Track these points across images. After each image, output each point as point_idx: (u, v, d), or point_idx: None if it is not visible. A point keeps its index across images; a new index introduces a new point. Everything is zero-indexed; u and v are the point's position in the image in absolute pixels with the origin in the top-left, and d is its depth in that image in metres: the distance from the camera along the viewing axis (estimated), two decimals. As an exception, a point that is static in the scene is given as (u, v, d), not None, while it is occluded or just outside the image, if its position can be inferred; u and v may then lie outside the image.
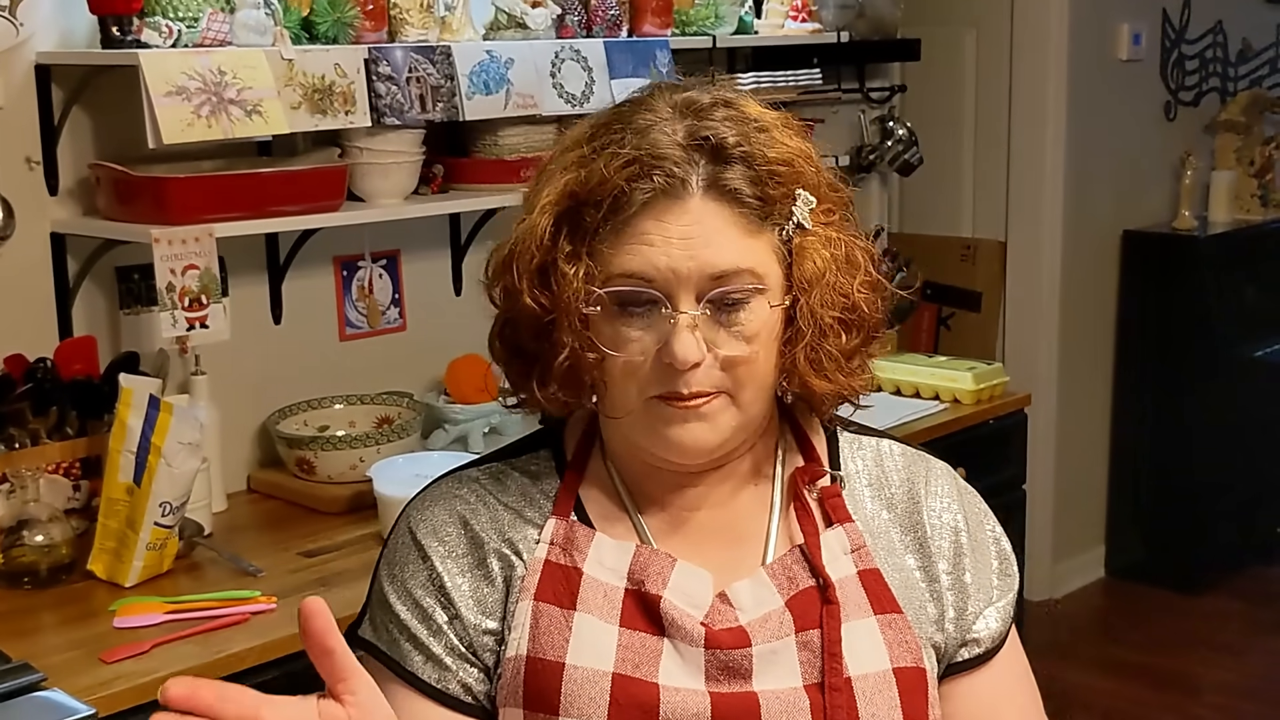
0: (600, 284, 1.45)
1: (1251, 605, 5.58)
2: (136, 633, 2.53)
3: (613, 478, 1.59)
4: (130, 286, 3.20)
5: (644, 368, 1.46)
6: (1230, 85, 6.29)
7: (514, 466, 1.61)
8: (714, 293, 1.44)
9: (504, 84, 3.38)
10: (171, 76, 2.82)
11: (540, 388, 1.52)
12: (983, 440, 3.96)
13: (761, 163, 1.46)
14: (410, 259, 3.72)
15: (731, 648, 1.47)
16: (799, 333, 1.48)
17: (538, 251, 1.48)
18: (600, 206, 1.45)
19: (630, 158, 1.45)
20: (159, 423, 2.72)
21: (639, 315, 1.45)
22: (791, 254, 1.48)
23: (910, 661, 1.51)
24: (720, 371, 1.46)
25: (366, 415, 3.53)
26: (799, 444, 1.62)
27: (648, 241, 1.44)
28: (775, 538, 1.56)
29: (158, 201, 2.91)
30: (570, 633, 1.48)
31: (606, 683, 1.45)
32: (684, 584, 1.50)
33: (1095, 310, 5.75)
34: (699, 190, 1.44)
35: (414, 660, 1.52)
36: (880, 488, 1.62)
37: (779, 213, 1.47)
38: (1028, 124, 5.46)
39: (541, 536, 1.53)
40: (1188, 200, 5.90)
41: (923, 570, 1.58)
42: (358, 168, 3.28)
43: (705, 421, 1.47)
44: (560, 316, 1.47)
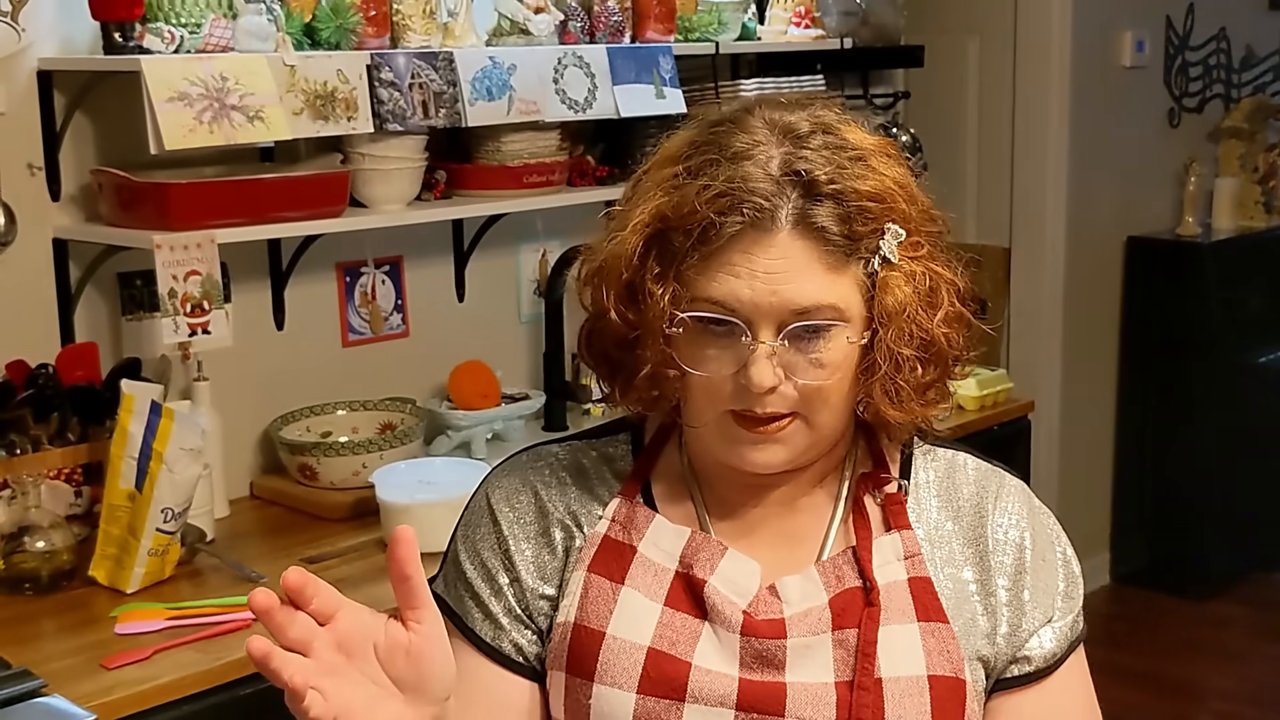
0: (685, 307, 1.49)
1: (1256, 612, 5.58)
2: (138, 639, 2.53)
3: (684, 468, 1.64)
4: (132, 292, 3.20)
5: (722, 386, 1.49)
6: (1234, 92, 6.29)
7: (593, 446, 1.69)
8: (794, 326, 1.46)
9: (507, 90, 3.38)
10: (173, 82, 2.82)
11: (623, 394, 1.60)
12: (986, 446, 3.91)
13: (853, 198, 1.47)
14: (413, 265, 3.71)
15: (767, 637, 1.51)
16: (875, 365, 1.50)
17: (627, 270, 1.52)
18: (690, 235, 1.47)
19: (722, 190, 1.46)
20: (160, 429, 2.72)
21: (720, 336, 1.48)
22: (874, 286, 1.49)
23: (949, 671, 1.52)
24: (796, 396, 1.48)
25: (369, 421, 3.53)
26: (871, 452, 1.64)
27: (734, 273, 1.46)
28: (833, 539, 1.60)
29: (159, 207, 2.90)
30: (615, 605, 1.55)
31: (641, 655, 1.52)
32: (731, 572, 1.55)
33: (1099, 317, 5.75)
34: (787, 225, 1.46)
35: (474, 616, 1.61)
36: (948, 499, 1.63)
37: (865, 247, 1.48)
38: (1031, 131, 5.45)
39: (605, 513, 1.61)
40: (1191, 207, 5.89)
41: (979, 584, 1.59)
42: (360, 174, 3.28)
43: (779, 444, 1.51)
44: (645, 335, 1.52)
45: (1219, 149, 6.20)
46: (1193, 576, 5.70)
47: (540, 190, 3.58)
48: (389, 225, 3.41)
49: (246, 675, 2.45)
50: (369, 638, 1.31)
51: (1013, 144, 5.50)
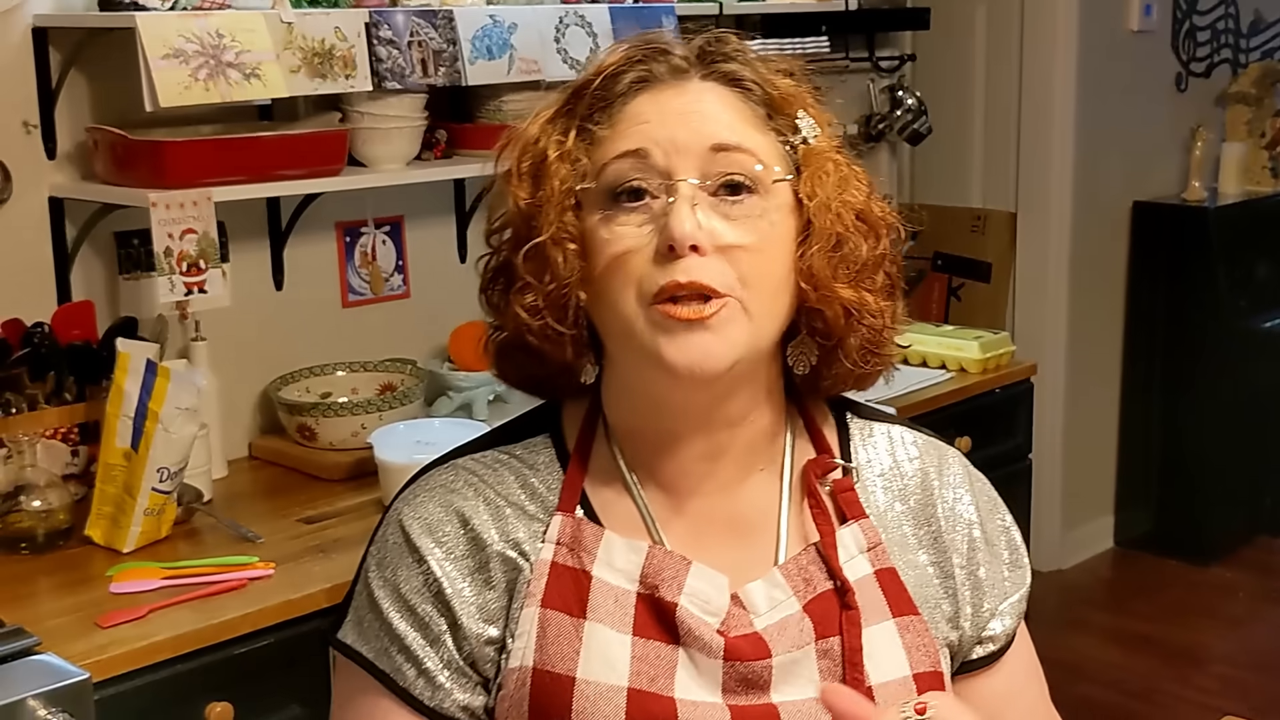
0: (594, 172, 1.40)
1: (1260, 576, 5.57)
2: (133, 598, 2.51)
3: (617, 460, 1.50)
4: (129, 251, 3.19)
5: (639, 265, 1.37)
6: (1242, 57, 6.25)
7: (512, 455, 1.52)
8: (715, 169, 1.37)
9: (507, 49, 3.36)
10: (169, 39, 2.80)
11: (518, 298, 1.42)
12: (989, 409, 3.94)
13: (763, 72, 1.44)
14: (414, 225, 3.70)
15: (752, 659, 1.40)
16: (815, 235, 1.41)
17: (529, 146, 1.44)
18: (591, 85, 1.43)
19: (628, 45, 1.45)
20: (156, 388, 2.71)
21: (635, 210, 1.38)
22: (799, 167, 1.43)
23: (928, 666, 1.46)
24: (726, 267, 1.36)
25: (369, 382, 3.51)
26: (809, 433, 1.55)
27: (644, 120, 1.40)
28: (788, 534, 1.49)
29: (155, 165, 2.89)
30: (581, 644, 1.39)
31: (621, 699, 1.37)
32: (700, 589, 1.42)
33: (1105, 281, 5.72)
34: (697, 74, 1.43)
35: (406, 674, 1.44)
36: (892, 479, 1.56)
37: (782, 122, 1.43)
38: (1038, 95, 5.42)
39: (547, 536, 1.44)
40: (1198, 172, 5.87)
41: (937, 566, 1.53)
42: (359, 133, 3.26)
43: (712, 333, 1.36)
44: (543, 203, 1.41)
45: (1226, 114, 6.17)
46: (1196, 541, 5.69)
47: (542, 150, 3.54)
48: (388, 184, 3.39)
49: (241, 635, 2.45)
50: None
51: (1019, 108, 5.47)
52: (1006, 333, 4.21)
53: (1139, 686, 4.68)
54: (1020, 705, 1.58)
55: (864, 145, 5.00)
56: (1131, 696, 4.61)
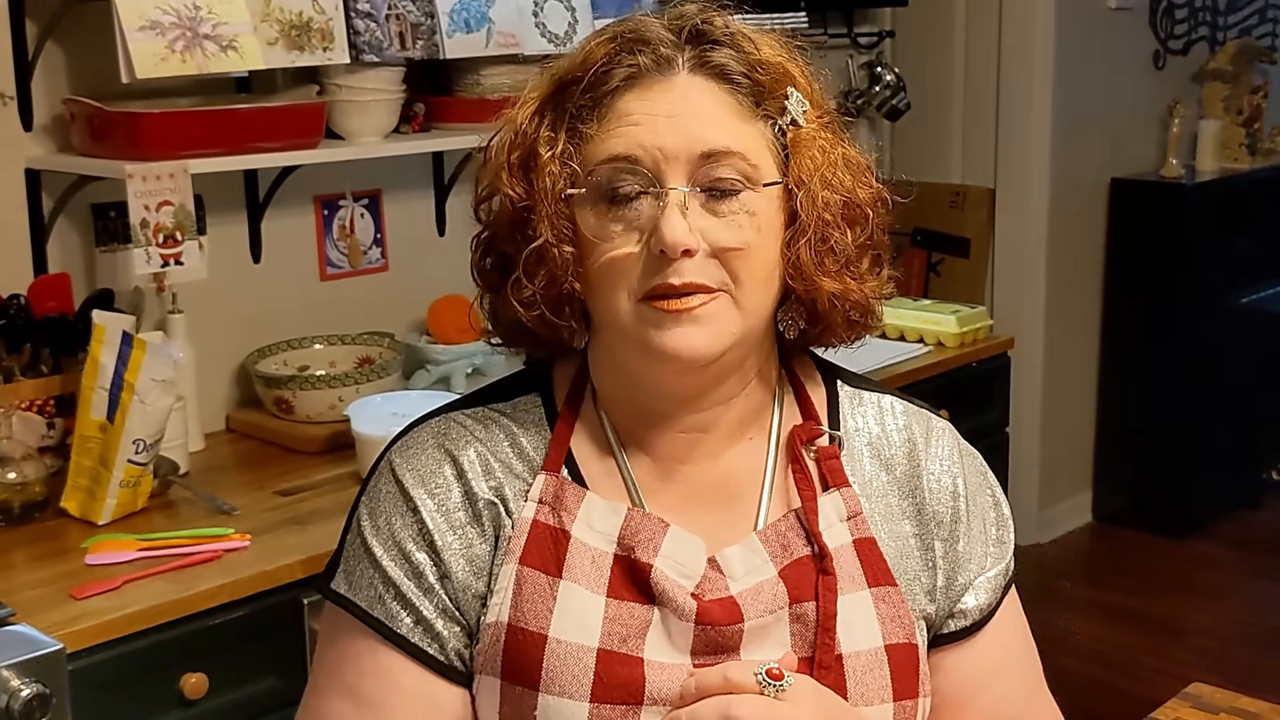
0: (584, 173, 1.40)
1: (1237, 550, 5.59)
2: (108, 569, 2.51)
3: (604, 425, 1.51)
4: (106, 223, 3.18)
5: (631, 265, 1.38)
6: (1219, 34, 6.27)
7: (501, 412, 1.52)
8: (704, 174, 1.38)
9: (485, 22, 3.35)
10: (145, 11, 2.79)
11: (516, 291, 1.44)
12: (966, 383, 3.95)
13: (751, 51, 1.43)
14: (392, 199, 3.69)
15: (723, 623, 1.40)
16: (802, 228, 1.42)
17: (518, 140, 1.44)
18: (580, 82, 1.41)
19: (613, 34, 1.43)
20: (132, 359, 2.70)
21: (626, 209, 1.39)
22: (787, 151, 1.43)
23: (902, 638, 1.46)
24: (716, 266, 1.38)
25: (347, 355, 3.51)
26: (798, 400, 1.55)
27: (633, 122, 1.39)
28: (769, 500, 1.50)
29: (132, 137, 2.88)
30: (555, 603, 1.40)
31: (591, 659, 1.38)
32: (676, 551, 1.43)
33: (1083, 257, 5.74)
34: (685, 69, 1.41)
35: (403, 622, 1.44)
36: (880, 447, 1.55)
37: (771, 105, 1.43)
38: (1017, 71, 5.42)
39: (530, 494, 1.46)
40: (1175, 148, 5.88)
41: (919, 538, 1.52)
42: (336, 105, 3.25)
43: (701, 325, 1.38)
44: (536, 204, 1.41)
45: (1203, 91, 6.19)
46: (1174, 515, 5.72)
47: (520, 124, 3.53)
48: (365, 157, 3.38)
49: (216, 606, 2.45)
50: None
51: (998, 84, 5.47)
52: (984, 307, 4.22)
53: (1118, 659, 4.70)
54: (998, 685, 1.56)
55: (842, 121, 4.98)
56: (1110, 669, 4.63)
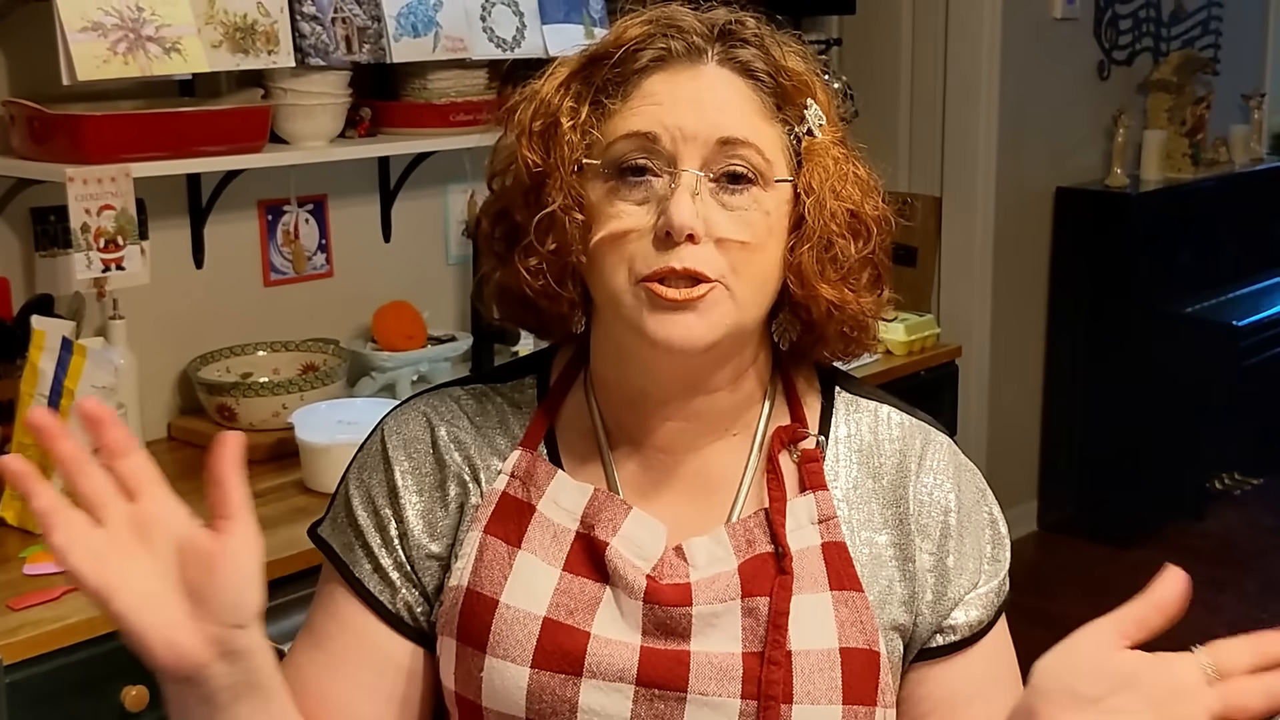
0: (603, 147, 1.41)
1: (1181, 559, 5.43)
2: (47, 580, 2.47)
3: (592, 410, 1.54)
4: (46, 228, 3.13)
5: (635, 242, 1.39)
6: (1163, 45, 6.30)
7: (498, 391, 1.58)
8: (719, 161, 1.39)
9: (433, 26, 3.33)
10: (87, 12, 2.76)
11: (523, 259, 1.45)
12: (914, 391, 3.95)
13: (779, 57, 1.45)
14: (338, 204, 3.66)
15: (671, 604, 1.41)
16: (807, 234, 1.43)
17: (542, 109, 1.45)
18: (610, 57, 1.43)
19: (649, 18, 1.44)
20: (72, 366, 2.67)
21: (638, 187, 1.40)
22: (799, 159, 1.44)
23: (861, 643, 1.44)
24: (718, 256, 1.39)
25: (291, 362, 3.48)
26: (789, 403, 1.55)
27: (656, 101, 1.41)
28: (745, 497, 1.50)
29: (73, 140, 2.84)
30: (510, 570, 1.44)
31: (536, 626, 1.41)
32: (635, 533, 1.45)
33: (1029, 266, 5.75)
34: (714, 60, 1.43)
35: (364, 568, 1.50)
36: (869, 455, 1.54)
37: (790, 113, 1.44)
38: (963, 80, 5.44)
39: (504, 467, 1.50)
40: (1120, 158, 5.92)
41: (897, 548, 1.50)
42: (281, 109, 3.22)
43: (697, 314, 1.39)
44: (552, 171, 1.42)
45: (1148, 101, 6.22)
46: (1119, 524, 5.75)
47: (468, 129, 3.49)
48: (310, 161, 3.35)
49: (160, 615, 2.41)
50: (171, 532, 1.22)
51: (944, 93, 5.48)
52: (931, 315, 4.22)
53: (1060, 669, 4.70)
54: (980, 703, 1.53)
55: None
56: (1053, 679, 4.62)
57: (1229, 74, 6.64)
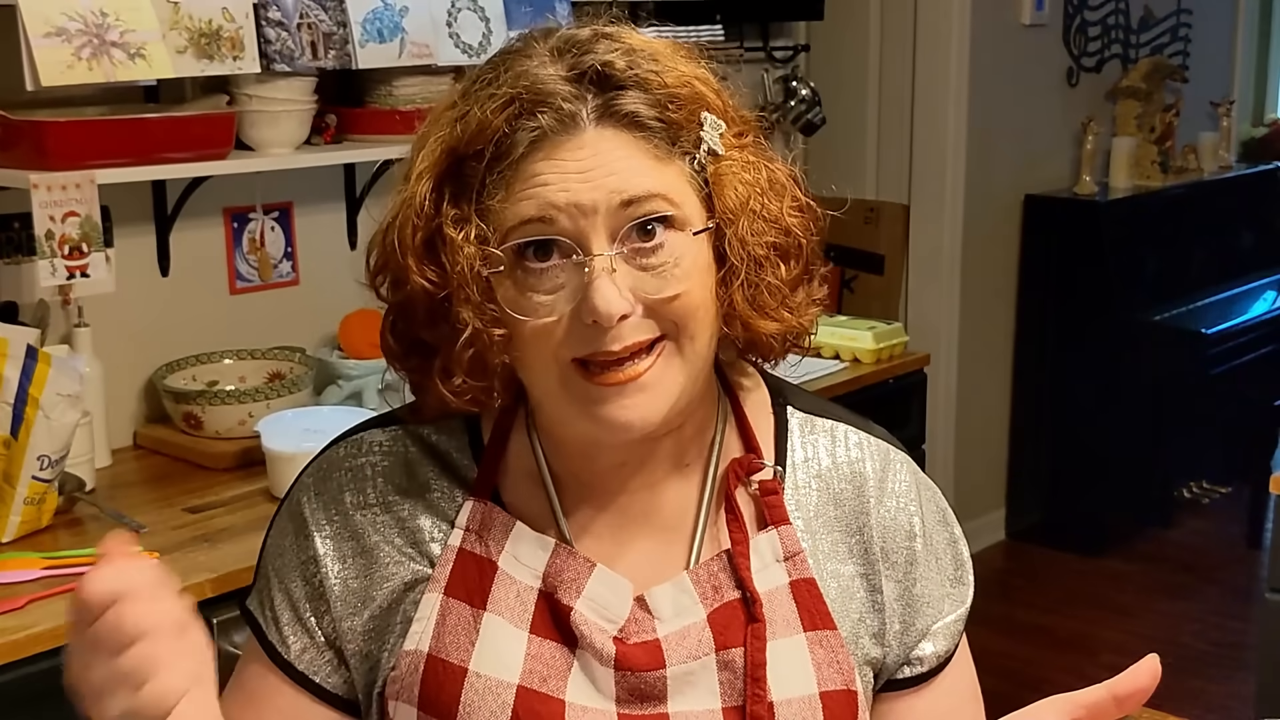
0: (496, 244, 1.30)
1: (1149, 567, 5.63)
2: (12, 588, 2.45)
3: (536, 454, 1.45)
4: (10, 235, 3.12)
5: (559, 333, 1.30)
6: (1132, 52, 6.32)
7: (424, 436, 1.47)
8: (628, 226, 1.29)
9: (398, 32, 3.32)
10: (51, 17, 2.74)
11: (444, 380, 1.36)
12: (882, 400, 3.95)
13: (658, 87, 1.32)
14: (304, 211, 3.65)
15: (644, 669, 1.36)
16: (733, 270, 1.35)
17: (420, 222, 1.33)
18: (482, 156, 1.30)
19: (509, 97, 1.30)
20: (36, 374, 2.65)
21: (547, 273, 1.30)
22: (709, 184, 1.35)
23: (840, 684, 1.40)
24: (653, 322, 1.31)
25: (257, 370, 3.46)
26: (740, 426, 1.48)
27: (543, 184, 1.28)
28: (703, 538, 1.43)
29: (37, 146, 2.82)
30: (477, 636, 1.37)
31: (510, 695, 1.34)
32: (600, 594, 1.38)
33: (997, 274, 5.76)
34: (591, 122, 1.30)
35: (289, 645, 1.44)
36: (829, 481, 1.48)
37: (686, 139, 1.33)
38: (931, 87, 5.44)
39: (456, 521, 1.41)
40: (1089, 166, 5.93)
41: (864, 578, 1.45)
42: (246, 115, 3.20)
43: (646, 392, 1.32)
44: (455, 290, 1.31)
45: (1116, 109, 6.24)
46: (1087, 532, 5.76)
47: (434, 136, 3.48)
48: (276, 168, 3.33)
49: (124, 625, 2.39)
50: None
51: (913, 100, 5.49)
52: (899, 323, 4.22)
53: (1031, 676, 4.70)
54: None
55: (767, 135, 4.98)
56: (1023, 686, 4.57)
57: (1198, 81, 6.66)
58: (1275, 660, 3.33)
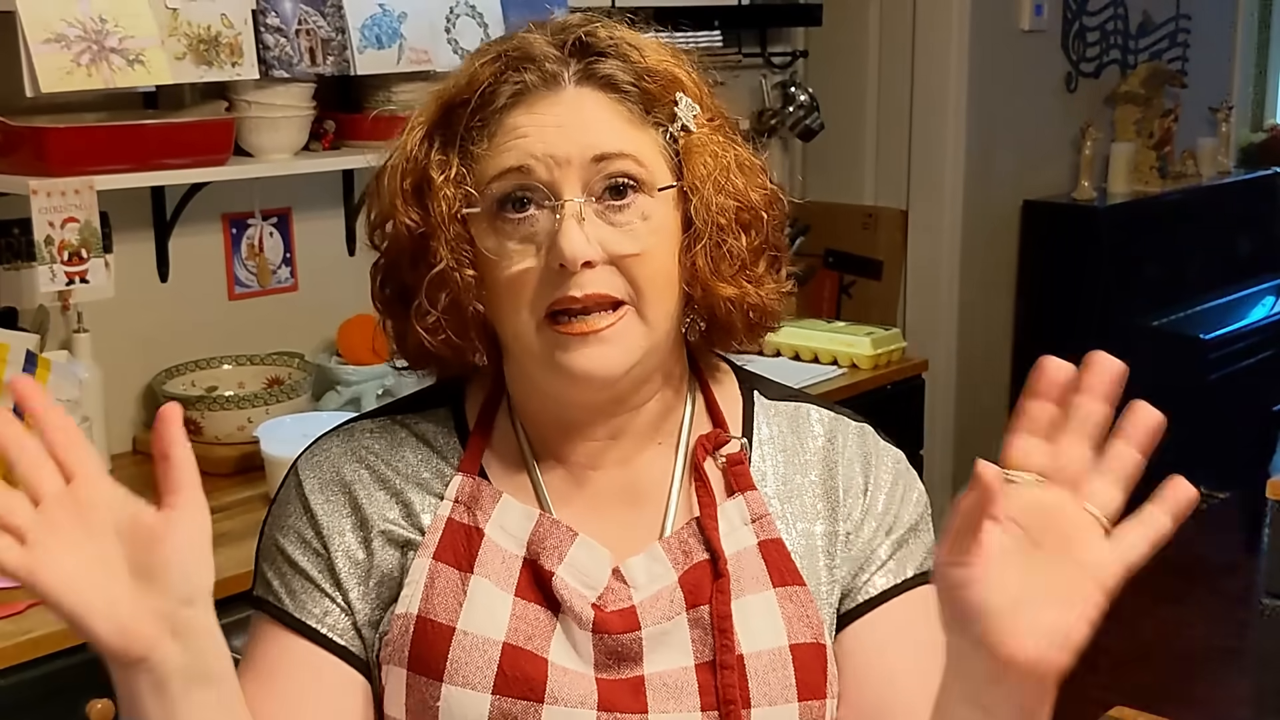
0: (478, 191, 1.40)
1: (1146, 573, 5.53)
2: (10, 593, 2.45)
3: (517, 435, 1.52)
4: (10, 240, 3.12)
5: (531, 281, 1.39)
6: (1130, 58, 6.32)
7: (411, 423, 1.54)
8: (598, 179, 1.39)
9: (397, 38, 3.33)
10: (50, 23, 2.75)
11: (420, 319, 1.44)
12: (881, 405, 3.95)
13: (637, 61, 1.43)
14: (302, 217, 3.66)
15: (620, 632, 1.41)
16: (697, 235, 1.43)
17: (409, 166, 1.43)
18: (467, 104, 1.41)
19: (498, 53, 1.42)
20: (36, 379, 2.65)
21: (522, 224, 1.39)
22: (679, 157, 1.44)
23: (810, 637, 1.44)
24: (617, 275, 1.39)
25: (256, 376, 3.47)
26: (709, 410, 1.55)
27: (522, 134, 1.39)
28: (675, 509, 1.50)
29: (37, 152, 2.84)
30: (465, 597, 1.41)
31: (496, 651, 1.39)
32: (581, 561, 1.44)
33: (996, 279, 5.76)
34: (572, 82, 1.41)
35: (310, 611, 1.47)
36: (794, 453, 1.55)
37: (660, 112, 1.43)
38: (930, 93, 5.44)
39: (446, 494, 1.47)
40: (1087, 171, 5.93)
41: (827, 536, 1.51)
42: (245, 122, 3.21)
43: (609, 344, 1.40)
44: (434, 229, 1.41)
45: (1115, 114, 6.24)
46: (1085, 538, 5.73)
47: (432, 142, 3.49)
48: (275, 174, 3.35)
49: (123, 630, 2.40)
50: (110, 511, 1.20)
51: (911, 106, 5.49)
52: (897, 329, 4.23)
53: (1028, 681, 4.70)
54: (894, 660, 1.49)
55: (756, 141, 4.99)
56: (1020, 691, 4.63)
57: (1196, 86, 6.67)
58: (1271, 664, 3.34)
